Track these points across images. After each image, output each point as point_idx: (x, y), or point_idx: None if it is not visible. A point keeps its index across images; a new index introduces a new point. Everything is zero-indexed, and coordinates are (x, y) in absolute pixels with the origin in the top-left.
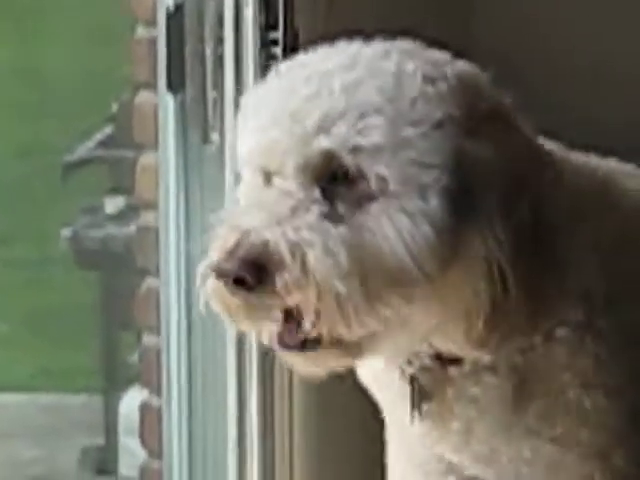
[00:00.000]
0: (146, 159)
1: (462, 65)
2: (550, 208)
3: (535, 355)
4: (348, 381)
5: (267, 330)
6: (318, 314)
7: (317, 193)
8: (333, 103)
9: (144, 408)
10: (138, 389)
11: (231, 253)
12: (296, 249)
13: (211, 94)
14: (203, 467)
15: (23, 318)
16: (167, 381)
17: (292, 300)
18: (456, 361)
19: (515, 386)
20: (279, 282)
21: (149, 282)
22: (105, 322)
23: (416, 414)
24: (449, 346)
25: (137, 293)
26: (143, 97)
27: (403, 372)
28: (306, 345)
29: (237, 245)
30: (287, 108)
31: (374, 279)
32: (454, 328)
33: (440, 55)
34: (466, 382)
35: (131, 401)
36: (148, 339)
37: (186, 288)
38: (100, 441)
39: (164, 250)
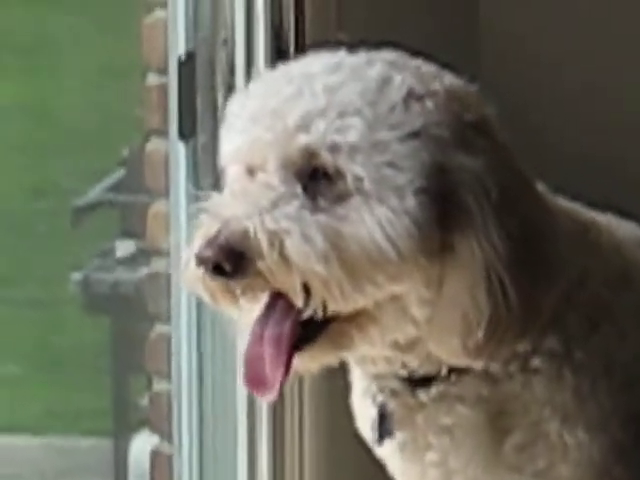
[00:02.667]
0: (157, 206)
1: (450, 79)
2: (538, 228)
3: (512, 385)
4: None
5: (251, 314)
6: (307, 293)
7: (298, 188)
8: (314, 102)
9: (155, 454)
10: (148, 433)
11: (211, 241)
12: (274, 238)
13: None
14: None
15: (33, 359)
16: (178, 427)
17: (277, 282)
18: (425, 383)
19: (490, 418)
20: (261, 266)
21: (159, 328)
22: (115, 365)
23: (383, 441)
24: (444, 353)
25: (147, 339)
26: (154, 144)
27: (374, 400)
28: (299, 346)
29: (218, 233)
30: (270, 107)
31: (354, 260)
32: (451, 335)
33: (427, 67)
34: (437, 410)
35: (141, 445)
36: (159, 385)
37: (197, 335)
38: None
39: (175, 297)
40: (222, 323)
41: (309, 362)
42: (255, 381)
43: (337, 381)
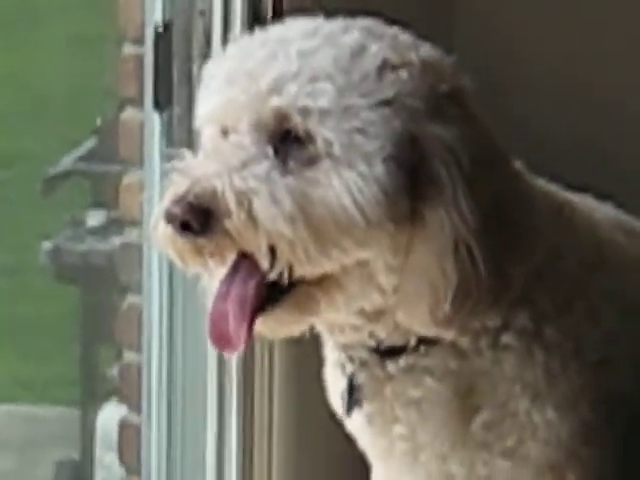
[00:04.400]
0: (130, 176)
1: (426, 50)
2: (510, 200)
3: (481, 361)
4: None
5: (218, 274)
6: (274, 255)
7: (269, 150)
8: (287, 66)
9: (123, 425)
10: (116, 403)
11: (180, 199)
12: (242, 197)
13: None
14: None
15: (1, 328)
16: (147, 398)
17: (244, 242)
18: (394, 354)
19: (458, 393)
20: (228, 225)
21: (131, 299)
22: (84, 335)
23: (351, 412)
24: (413, 323)
25: (118, 309)
26: (129, 113)
27: (344, 371)
28: (264, 307)
29: (187, 191)
30: (245, 69)
31: (321, 224)
32: (419, 304)
33: (403, 37)
34: (405, 382)
35: (109, 415)
36: (128, 356)
37: (168, 306)
38: (76, 455)
39: (147, 267)
40: (194, 294)
41: (274, 325)
42: (219, 338)
43: (308, 351)
